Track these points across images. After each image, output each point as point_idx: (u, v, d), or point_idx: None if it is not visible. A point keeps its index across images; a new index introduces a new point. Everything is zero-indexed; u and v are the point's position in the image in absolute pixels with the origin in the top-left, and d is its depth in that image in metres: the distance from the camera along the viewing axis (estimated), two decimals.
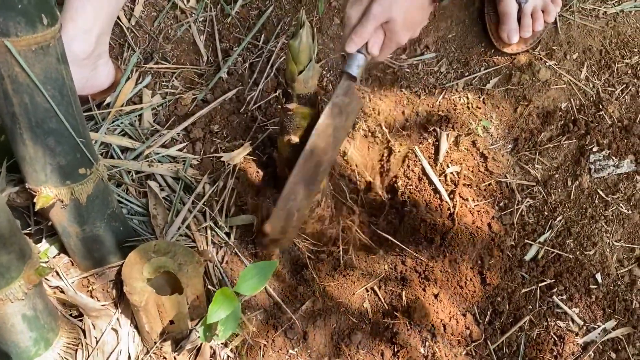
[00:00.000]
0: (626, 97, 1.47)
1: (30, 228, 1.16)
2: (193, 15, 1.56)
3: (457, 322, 1.26)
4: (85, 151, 0.95)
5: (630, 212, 1.36)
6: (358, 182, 1.54)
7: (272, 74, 1.52)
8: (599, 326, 1.27)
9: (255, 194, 1.33)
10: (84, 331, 1.08)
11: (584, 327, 1.27)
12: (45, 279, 1.10)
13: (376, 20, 1.10)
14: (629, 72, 1.49)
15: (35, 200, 0.95)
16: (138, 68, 1.47)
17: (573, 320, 1.28)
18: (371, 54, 1.15)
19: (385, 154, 1.52)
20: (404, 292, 1.30)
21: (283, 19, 1.59)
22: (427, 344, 1.24)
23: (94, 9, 1.26)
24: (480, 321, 1.29)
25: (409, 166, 1.49)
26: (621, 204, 1.36)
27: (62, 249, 1.14)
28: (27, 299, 0.94)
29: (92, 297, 1.12)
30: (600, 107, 1.45)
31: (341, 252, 1.39)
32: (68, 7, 1.24)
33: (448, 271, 1.32)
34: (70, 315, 1.10)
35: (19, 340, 0.97)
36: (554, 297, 1.30)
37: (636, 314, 1.28)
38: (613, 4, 1.57)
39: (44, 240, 1.16)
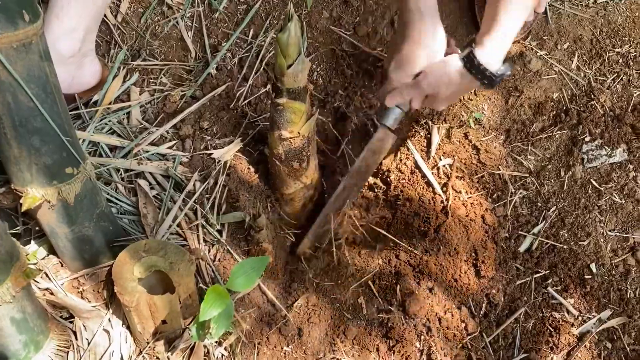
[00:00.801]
0: (618, 86, 1.46)
1: (18, 229, 1.14)
2: (180, 11, 1.54)
3: (453, 315, 1.26)
4: (71, 150, 0.93)
5: (623, 201, 1.36)
6: None
7: (262, 68, 1.51)
8: (594, 316, 1.27)
9: (246, 191, 1.31)
10: (75, 333, 1.07)
11: (579, 318, 1.27)
12: (35, 280, 1.08)
13: (423, 93, 1.26)
14: (620, 60, 1.49)
15: (21, 201, 0.93)
16: (125, 65, 1.45)
17: (568, 311, 1.28)
18: (412, 109, 1.32)
19: None
20: (398, 287, 1.29)
21: (271, 13, 1.57)
22: (422, 338, 1.23)
23: (80, 7, 1.23)
24: (476, 314, 1.29)
25: (401, 160, 1.48)
26: (614, 194, 1.36)
27: (51, 250, 1.12)
28: (15, 301, 0.92)
29: (82, 298, 1.10)
30: (592, 96, 1.45)
31: (334, 248, 1.39)
32: (53, 5, 1.22)
33: (442, 264, 1.32)
34: (61, 317, 1.08)
35: (8, 343, 0.95)
36: (549, 288, 1.30)
37: (631, 303, 1.28)
38: None
39: (32, 241, 1.14)
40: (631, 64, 1.48)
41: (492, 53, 1.15)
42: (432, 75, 1.22)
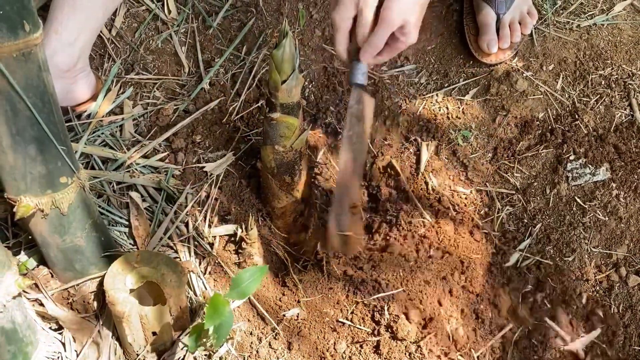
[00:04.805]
0: (600, 107, 1.51)
1: (8, 241, 1.14)
2: (174, 26, 1.56)
3: (442, 331, 1.27)
4: (66, 159, 0.93)
5: (606, 218, 1.39)
6: None
7: (254, 84, 1.53)
8: (579, 331, 1.29)
9: (238, 204, 1.32)
10: (63, 344, 1.06)
11: (565, 333, 1.29)
12: (24, 291, 1.07)
13: (392, 26, 1.10)
14: (603, 83, 1.53)
15: (15, 210, 0.93)
16: (119, 79, 1.47)
17: (555, 326, 1.30)
18: (364, 61, 1.17)
19: (368, 164, 1.53)
20: (388, 302, 1.30)
21: (265, 30, 1.60)
22: (411, 353, 1.24)
23: (79, 23, 1.25)
24: (464, 329, 1.30)
25: (390, 175, 1.50)
26: (598, 211, 1.39)
27: (42, 261, 1.11)
28: (5, 311, 0.92)
29: (72, 309, 1.09)
30: (576, 116, 1.49)
31: (324, 262, 1.39)
32: (52, 19, 1.23)
33: (430, 280, 1.33)
34: (50, 328, 1.07)
35: None
36: (535, 303, 1.32)
37: (615, 318, 1.30)
38: (586, 17, 1.62)
39: (22, 252, 1.13)
40: (613, 86, 1.53)
41: None
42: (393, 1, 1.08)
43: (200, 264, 1.22)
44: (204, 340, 1.00)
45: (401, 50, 1.19)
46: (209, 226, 1.26)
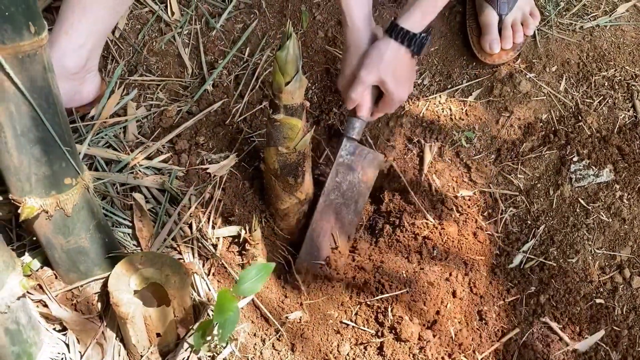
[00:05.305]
0: (604, 108, 1.51)
1: (12, 242, 1.14)
2: (177, 28, 1.56)
3: (445, 333, 1.27)
4: (71, 160, 0.93)
5: (610, 220, 1.39)
6: None
7: (257, 86, 1.53)
8: (583, 332, 1.29)
9: (242, 206, 1.32)
10: (67, 345, 1.06)
11: (569, 334, 1.29)
12: (28, 292, 1.08)
13: (364, 82, 1.28)
14: (606, 84, 1.53)
15: (19, 211, 0.93)
16: (122, 80, 1.47)
17: (558, 328, 1.29)
18: (360, 117, 1.35)
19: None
20: (392, 304, 1.30)
21: (268, 32, 1.60)
22: (415, 355, 1.24)
23: (89, 25, 1.25)
24: (468, 331, 1.30)
25: (394, 177, 1.50)
26: (601, 212, 1.39)
27: (46, 262, 1.11)
28: (10, 312, 0.92)
29: (76, 310, 1.09)
30: (580, 118, 1.49)
31: (326, 266, 1.39)
32: (62, 21, 1.24)
33: (434, 281, 1.33)
34: (54, 329, 1.07)
35: (1, 354, 0.95)
36: (539, 305, 1.32)
37: (618, 320, 1.30)
38: (589, 19, 1.62)
39: (26, 253, 1.13)
40: (616, 87, 1.53)
41: (412, 20, 1.24)
42: (367, 60, 1.26)
43: (203, 265, 1.22)
44: (209, 339, 1.00)
45: (392, 107, 1.36)
46: (213, 227, 1.26)
